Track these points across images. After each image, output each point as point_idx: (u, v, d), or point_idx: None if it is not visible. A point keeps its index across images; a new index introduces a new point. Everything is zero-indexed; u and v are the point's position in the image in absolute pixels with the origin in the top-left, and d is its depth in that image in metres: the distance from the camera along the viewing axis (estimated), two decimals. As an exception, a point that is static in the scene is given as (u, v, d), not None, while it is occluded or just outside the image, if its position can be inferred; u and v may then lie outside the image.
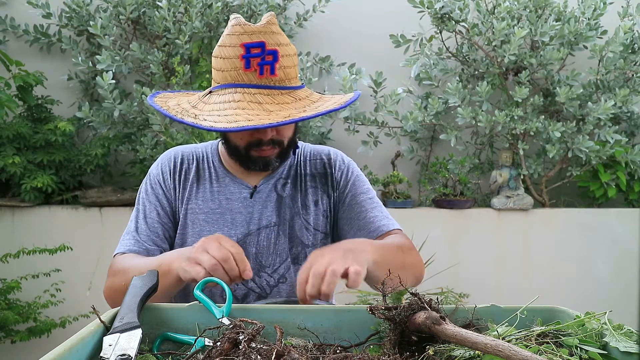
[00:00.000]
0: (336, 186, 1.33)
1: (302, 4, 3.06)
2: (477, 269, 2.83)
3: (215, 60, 1.16)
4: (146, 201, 1.29)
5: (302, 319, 0.84)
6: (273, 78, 1.11)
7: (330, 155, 1.37)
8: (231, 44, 1.11)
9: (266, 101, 1.10)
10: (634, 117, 2.98)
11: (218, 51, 1.14)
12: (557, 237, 2.90)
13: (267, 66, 1.10)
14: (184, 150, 1.34)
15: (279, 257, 1.28)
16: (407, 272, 1.19)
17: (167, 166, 1.31)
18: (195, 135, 2.72)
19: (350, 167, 1.36)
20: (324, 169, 1.34)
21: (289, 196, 1.30)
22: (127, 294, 0.85)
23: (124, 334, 0.73)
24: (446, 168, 2.96)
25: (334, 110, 1.15)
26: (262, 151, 1.20)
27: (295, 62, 1.17)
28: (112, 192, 2.83)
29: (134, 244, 1.23)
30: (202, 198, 1.28)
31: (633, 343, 0.70)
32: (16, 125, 2.72)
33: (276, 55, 1.10)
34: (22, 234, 2.72)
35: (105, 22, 2.78)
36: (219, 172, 1.31)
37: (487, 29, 2.78)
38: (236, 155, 1.24)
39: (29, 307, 2.44)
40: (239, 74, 1.11)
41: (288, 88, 1.13)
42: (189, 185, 1.29)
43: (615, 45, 2.74)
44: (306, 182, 1.32)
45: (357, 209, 1.30)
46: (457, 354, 0.70)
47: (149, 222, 1.26)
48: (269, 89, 1.11)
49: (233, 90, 1.11)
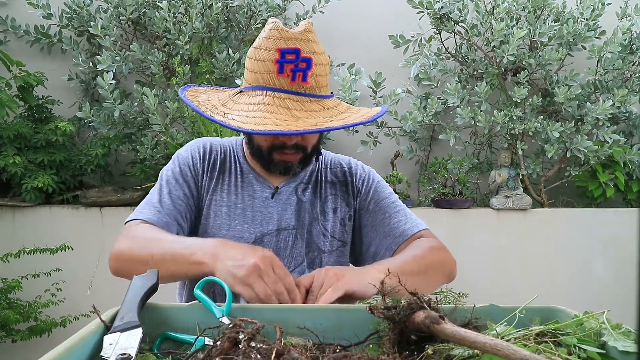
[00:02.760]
0: (357, 194, 1.34)
1: (301, 4, 3.06)
2: (476, 268, 2.84)
3: (249, 61, 1.16)
4: (172, 179, 1.26)
5: (302, 319, 0.84)
6: (304, 85, 1.12)
7: (351, 164, 1.38)
8: (267, 48, 1.11)
9: (295, 107, 1.10)
10: (632, 117, 2.99)
11: (253, 53, 1.14)
12: (556, 237, 2.90)
13: (299, 73, 1.10)
14: (213, 141, 1.33)
15: (295, 260, 1.28)
16: (434, 274, 1.19)
17: (198, 152, 1.30)
18: (196, 135, 2.72)
19: (371, 175, 1.37)
20: (344, 177, 1.35)
21: (308, 201, 1.30)
22: (128, 293, 0.85)
23: (124, 333, 0.73)
24: (445, 168, 2.97)
25: (361, 124, 1.15)
26: (285, 155, 1.21)
27: (327, 71, 1.17)
28: (113, 192, 2.83)
29: (154, 215, 1.19)
30: (226, 191, 1.28)
31: (631, 342, 0.71)
32: (17, 125, 2.73)
33: (310, 63, 1.11)
34: (22, 233, 2.72)
35: (106, 22, 2.78)
36: (243, 168, 1.31)
37: (486, 30, 2.78)
38: (258, 156, 1.25)
39: (30, 307, 2.44)
40: (272, 78, 1.11)
41: (317, 96, 1.14)
42: (216, 175, 1.29)
43: (613, 45, 2.75)
44: (326, 189, 1.33)
45: (381, 215, 1.30)
46: (455, 353, 0.70)
47: (174, 199, 1.23)
48: (299, 95, 1.11)
49: (264, 92, 1.12)
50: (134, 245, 1.12)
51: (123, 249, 1.13)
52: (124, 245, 1.14)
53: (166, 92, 2.89)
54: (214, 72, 2.83)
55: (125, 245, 1.14)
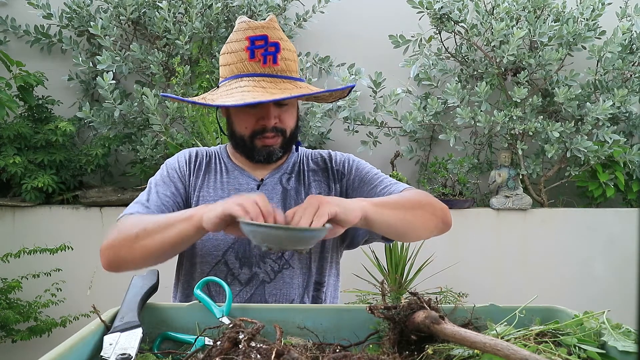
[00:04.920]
0: (340, 177, 1.39)
1: (301, 4, 3.06)
2: (476, 268, 2.84)
3: (222, 58, 1.26)
4: (160, 181, 1.33)
5: (302, 319, 0.84)
6: (275, 67, 1.21)
7: (330, 153, 1.45)
8: (237, 39, 1.22)
9: (270, 87, 1.19)
10: (632, 117, 2.99)
11: (225, 48, 1.24)
12: (556, 237, 2.90)
13: (270, 56, 1.20)
14: (198, 149, 1.43)
15: None
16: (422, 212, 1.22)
17: (184, 157, 1.38)
18: (195, 135, 2.72)
19: (350, 157, 1.43)
20: (324, 164, 1.41)
21: (293, 189, 1.35)
22: (128, 293, 0.85)
23: (124, 333, 0.73)
24: (445, 168, 2.97)
25: (328, 91, 1.26)
26: (266, 139, 1.27)
27: (296, 59, 1.27)
28: (113, 192, 2.84)
29: (142, 209, 1.25)
30: (212, 187, 1.34)
31: (631, 342, 0.71)
32: (17, 125, 2.73)
33: (278, 47, 1.20)
34: (22, 233, 2.73)
35: (106, 22, 2.78)
36: (228, 166, 1.38)
37: (486, 30, 2.78)
38: (241, 147, 1.31)
39: (30, 307, 2.44)
40: (244, 65, 1.21)
41: (290, 78, 1.23)
42: (202, 175, 1.36)
43: (613, 45, 2.75)
44: (309, 177, 1.38)
45: (367, 187, 1.34)
46: (455, 353, 0.70)
47: (161, 197, 1.29)
48: (271, 77, 1.20)
49: (239, 79, 1.21)
50: (123, 228, 1.17)
51: (111, 237, 1.18)
52: (112, 234, 1.19)
53: (166, 92, 2.88)
54: (214, 72, 2.83)
55: (113, 234, 1.18)
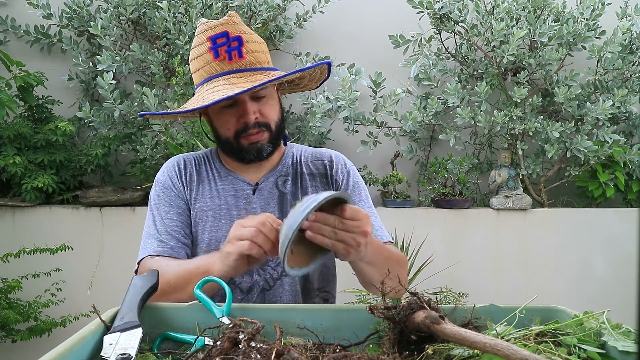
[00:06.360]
0: (336, 187, 1.35)
1: (301, 4, 3.06)
2: (476, 268, 2.84)
3: (191, 65, 1.25)
4: (160, 205, 1.30)
5: (302, 319, 0.84)
6: (242, 61, 1.18)
7: (332, 157, 1.39)
8: (200, 43, 1.20)
9: (240, 82, 1.17)
10: (632, 117, 2.99)
11: (191, 55, 1.23)
12: (556, 237, 2.90)
13: (234, 51, 1.17)
14: (186, 156, 1.39)
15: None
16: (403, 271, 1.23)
17: (173, 171, 1.35)
18: (195, 135, 2.72)
19: (351, 173, 1.38)
20: (324, 170, 1.36)
21: (290, 193, 1.32)
22: (128, 293, 0.85)
23: (124, 333, 0.73)
24: (445, 168, 2.97)
25: (302, 70, 1.20)
26: (251, 136, 1.24)
27: (264, 49, 1.23)
28: (113, 192, 2.83)
29: (157, 245, 1.23)
30: (208, 196, 1.31)
31: (631, 342, 0.71)
32: (17, 125, 2.73)
33: (241, 41, 1.18)
34: (22, 233, 2.73)
35: (106, 22, 2.78)
36: (221, 172, 1.34)
37: (486, 30, 2.78)
38: (229, 150, 1.29)
39: (30, 307, 2.44)
40: (211, 67, 1.19)
41: (260, 69, 1.20)
42: (195, 186, 1.33)
43: (613, 45, 2.75)
44: (306, 181, 1.34)
45: None
46: (455, 353, 0.70)
47: (166, 222, 1.27)
48: (241, 72, 1.18)
49: (209, 82, 1.19)
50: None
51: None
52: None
53: (166, 92, 2.89)
54: (214, 72, 2.83)
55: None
